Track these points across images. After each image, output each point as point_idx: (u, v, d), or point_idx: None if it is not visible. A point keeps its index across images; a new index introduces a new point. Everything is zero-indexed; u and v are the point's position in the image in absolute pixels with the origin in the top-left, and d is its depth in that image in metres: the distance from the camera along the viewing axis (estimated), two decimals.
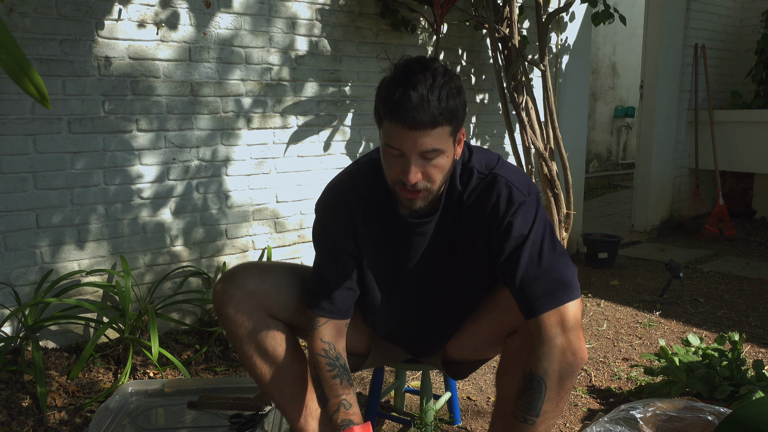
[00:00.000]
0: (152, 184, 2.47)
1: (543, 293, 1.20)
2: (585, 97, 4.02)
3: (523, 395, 1.20)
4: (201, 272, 2.62)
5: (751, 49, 5.00)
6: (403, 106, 1.14)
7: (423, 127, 1.15)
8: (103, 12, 2.27)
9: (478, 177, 1.32)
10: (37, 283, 2.26)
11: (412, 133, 1.16)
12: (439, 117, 1.15)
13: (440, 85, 1.16)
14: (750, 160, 4.73)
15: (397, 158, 1.21)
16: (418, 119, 1.14)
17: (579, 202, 4.02)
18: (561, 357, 1.18)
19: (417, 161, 1.19)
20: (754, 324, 2.84)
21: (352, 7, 2.90)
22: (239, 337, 1.36)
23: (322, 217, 1.40)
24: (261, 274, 1.38)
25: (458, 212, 1.33)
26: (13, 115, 2.14)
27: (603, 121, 7.60)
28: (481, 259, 1.33)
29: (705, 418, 1.40)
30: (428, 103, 1.14)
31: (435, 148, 1.18)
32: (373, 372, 1.74)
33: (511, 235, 1.25)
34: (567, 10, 3.38)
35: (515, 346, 1.33)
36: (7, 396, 1.95)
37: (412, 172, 1.19)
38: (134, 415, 1.76)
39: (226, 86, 2.59)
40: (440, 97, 1.15)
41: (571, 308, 1.20)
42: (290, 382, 1.41)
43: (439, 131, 1.17)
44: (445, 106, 1.16)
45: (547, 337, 1.18)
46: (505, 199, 1.27)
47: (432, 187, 1.23)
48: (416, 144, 1.17)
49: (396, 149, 1.19)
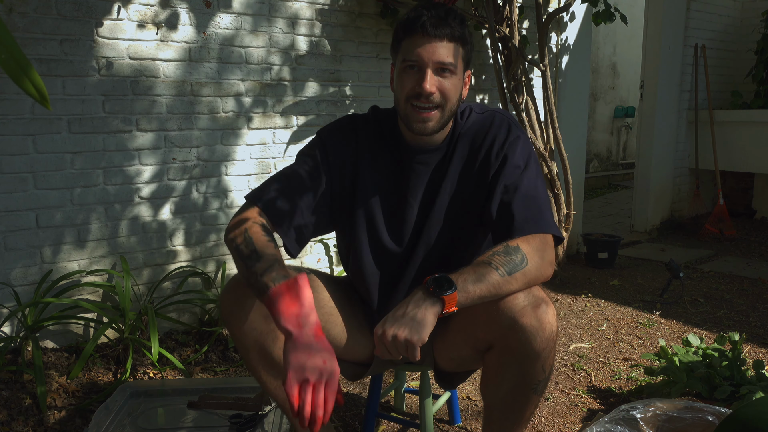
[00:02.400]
0: (152, 184, 2.47)
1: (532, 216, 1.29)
2: (585, 97, 4.02)
3: (505, 256, 1.22)
4: (201, 272, 2.62)
5: (751, 49, 5.00)
6: (423, 19, 1.25)
7: (440, 38, 1.25)
8: (103, 12, 2.27)
9: (476, 113, 1.42)
10: (36, 283, 2.26)
11: (431, 40, 1.25)
12: (455, 32, 1.26)
13: (455, 13, 1.29)
14: (750, 160, 4.73)
15: (414, 73, 1.27)
16: (437, 27, 1.25)
17: (579, 202, 4.02)
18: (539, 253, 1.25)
19: (432, 74, 1.26)
20: (754, 324, 2.84)
21: (352, 7, 2.90)
22: (246, 345, 1.33)
23: (324, 132, 1.43)
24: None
25: (455, 144, 1.39)
26: (13, 115, 2.14)
27: (603, 121, 7.60)
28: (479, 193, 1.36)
29: (705, 418, 1.40)
30: (445, 19, 1.26)
31: (450, 61, 1.26)
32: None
33: (511, 161, 1.33)
34: (567, 10, 3.37)
35: (492, 362, 1.31)
36: (7, 396, 1.95)
37: (428, 80, 1.25)
38: (134, 415, 1.76)
39: (226, 86, 2.59)
40: (455, 19, 1.27)
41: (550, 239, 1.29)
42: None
43: (454, 48, 1.27)
44: (459, 28, 1.27)
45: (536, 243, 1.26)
46: (504, 131, 1.36)
47: (445, 104, 1.29)
48: (434, 52, 1.25)
49: (414, 61, 1.26)
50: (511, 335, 1.22)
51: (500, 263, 1.21)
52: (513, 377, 1.27)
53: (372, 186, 1.40)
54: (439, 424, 1.94)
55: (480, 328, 1.31)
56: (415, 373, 2.29)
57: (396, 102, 1.35)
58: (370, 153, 1.40)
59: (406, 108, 1.30)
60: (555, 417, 2.00)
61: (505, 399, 1.31)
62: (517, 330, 1.21)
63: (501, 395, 1.31)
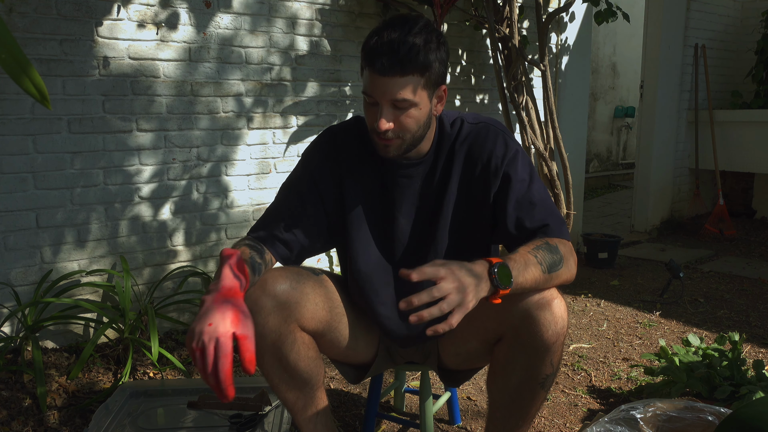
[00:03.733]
0: (152, 184, 2.47)
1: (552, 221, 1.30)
2: (585, 97, 4.02)
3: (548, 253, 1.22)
4: (201, 272, 2.62)
5: (751, 49, 5.00)
6: (375, 52, 1.18)
7: (392, 74, 1.18)
8: (103, 12, 2.27)
9: (469, 125, 1.37)
10: (36, 283, 2.26)
11: (381, 79, 1.19)
12: (408, 65, 1.17)
13: (415, 33, 1.18)
14: (750, 160, 4.73)
15: (372, 106, 1.24)
16: (386, 65, 1.17)
17: (579, 202, 4.02)
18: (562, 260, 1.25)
19: (388, 110, 1.22)
20: (754, 324, 2.84)
21: (352, 7, 2.90)
22: (262, 347, 1.30)
23: (307, 154, 1.42)
24: (292, 281, 1.31)
25: (450, 159, 1.36)
26: (13, 115, 2.14)
27: (603, 121, 7.60)
28: (475, 207, 1.35)
29: (705, 418, 1.40)
30: (398, 51, 1.17)
31: (404, 98, 1.20)
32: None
33: (516, 179, 1.31)
34: (567, 10, 3.38)
35: (501, 354, 1.30)
36: (7, 396, 1.95)
37: (381, 120, 1.22)
38: (134, 415, 1.76)
39: (226, 86, 2.59)
40: (412, 48, 1.17)
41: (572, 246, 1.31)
42: (306, 393, 1.38)
43: (410, 81, 1.19)
44: (415, 57, 1.18)
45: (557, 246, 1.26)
46: (501, 146, 1.33)
47: (404, 136, 1.26)
48: (385, 91, 1.19)
49: (370, 96, 1.23)
50: (523, 327, 1.23)
51: (543, 259, 1.21)
52: (521, 371, 1.27)
53: (358, 203, 1.39)
54: (439, 424, 1.94)
55: (491, 320, 1.30)
56: (415, 373, 2.29)
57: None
58: (354, 170, 1.39)
59: (371, 135, 1.30)
60: (555, 417, 2.00)
61: (511, 394, 1.30)
62: (530, 322, 1.22)
63: (508, 390, 1.31)
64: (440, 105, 1.31)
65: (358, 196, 1.39)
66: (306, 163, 1.41)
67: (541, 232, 1.29)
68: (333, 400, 2.07)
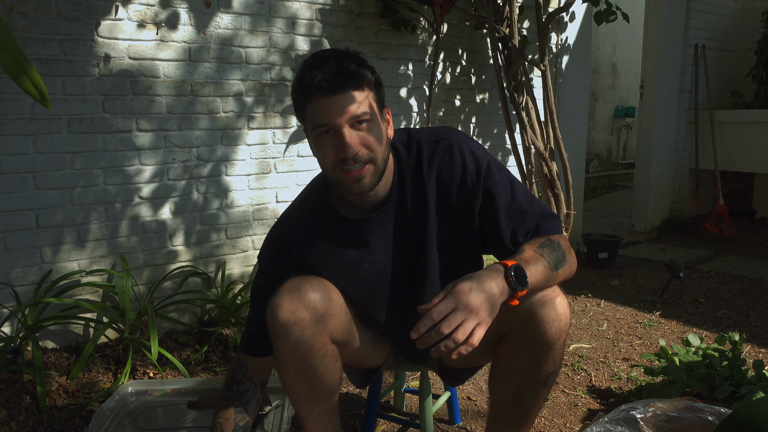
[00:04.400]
0: (152, 184, 2.47)
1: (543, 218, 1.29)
2: (585, 97, 4.02)
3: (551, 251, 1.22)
4: (201, 272, 2.62)
5: (751, 49, 5.00)
6: (317, 79, 1.15)
7: (342, 90, 1.15)
8: (103, 12, 2.27)
9: (428, 145, 1.30)
10: (36, 283, 2.26)
11: (335, 98, 1.15)
12: (355, 78, 1.16)
13: (349, 55, 1.19)
14: (750, 160, 4.73)
15: (330, 138, 1.18)
16: (336, 81, 1.14)
17: (579, 202, 4.02)
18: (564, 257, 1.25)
19: (350, 131, 1.17)
20: (755, 324, 2.84)
21: (352, 7, 2.90)
22: (289, 359, 1.26)
23: (263, 265, 1.37)
24: (323, 291, 1.27)
25: (420, 188, 1.30)
26: (12, 115, 2.14)
27: (603, 121, 7.60)
28: (459, 230, 1.31)
29: (705, 418, 1.40)
30: (341, 67, 1.16)
31: (363, 111, 1.16)
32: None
33: (499, 192, 1.28)
34: (567, 10, 3.37)
35: (504, 353, 1.30)
36: (7, 396, 1.95)
37: (348, 144, 1.16)
38: (134, 415, 1.76)
39: (226, 86, 2.59)
40: (351, 63, 1.17)
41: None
42: (323, 403, 1.35)
43: (362, 94, 1.17)
44: (357, 71, 1.17)
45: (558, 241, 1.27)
46: (472, 162, 1.28)
47: (375, 157, 1.20)
48: (342, 110, 1.15)
49: (325, 125, 1.17)
50: (526, 325, 1.23)
51: (550, 257, 1.21)
52: (524, 369, 1.27)
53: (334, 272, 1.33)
54: (439, 424, 1.94)
55: (495, 318, 1.31)
56: (415, 373, 2.29)
57: (324, 171, 1.25)
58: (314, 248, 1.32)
59: (336, 174, 1.21)
60: (555, 417, 2.00)
61: (513, 393, 1.30)
62: (534, 320, 1.22)
63: (510, 388, 1.30)
64: (390, 129, 1.26)
65: (331, 268, 1.32)
66: (265, 269, 1.36)
67: (534, 233, 1.29)
68: None
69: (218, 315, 2.58)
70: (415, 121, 3.22)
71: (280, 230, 1.37)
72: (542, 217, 1.31)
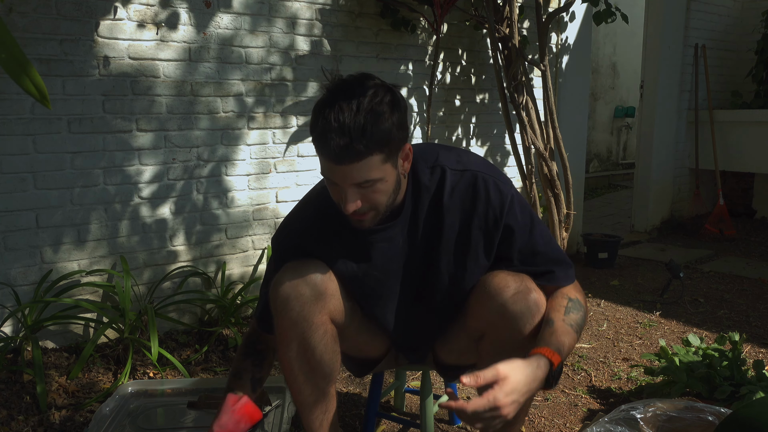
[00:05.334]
0: (152, 184, 2.47)
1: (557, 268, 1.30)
2: (585, 97, 4.02)
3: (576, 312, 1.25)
4: (201, 272, 2.62)
5: (751, 49, 5.00)
6: (325, 140, 1.10)
7: (349, 161, 1.11)
8: (103, 12, 2.27)
9: (453, 174, 1.29)
10: (36, 282, 2.26)
11: (338, 167, 1.12)
12: (364, 150, 1.10)
13: (366, 111, 1.09)
14: (750, 160, 4.73)
15: (335, 186, 1.18)
16: (340, 154, 1.10)
17: (579, 202, 4.02)
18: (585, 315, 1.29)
19: (353, 191, 1.16)
20: (755, 324, 2.84)
21: (352, 7, 2.90)
22: (290, 336, 1.29)
23: (278, 247, 1.38)
24: (323, 270, 1.30)
25: (437, 213, 1.30)
26: (12, 115, 2.14)
27: (603, 121, 7.60)
28: (473, 256, 1.31)
29: (705, 418, 1.40)
30: (350, 138, 1.08)
31: (367, 179, 1.14)
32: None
33: (518, 229, 1.28)
34: (567, 10, 3.37)
35: (485, 351, 1.32)
36: (7, 396, 1.95)
37: (349, 203, 1.16)
38: (134, 415, 1.76)
39: (226, 86, 2.59)
40: (364, 129, 1.09)
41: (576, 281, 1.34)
42: (321, 387, 1.36)
43: (369, 162, 1.12)
44: (371, 138, 1.09)
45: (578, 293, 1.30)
46: (497, 197, 1.27)
47: (377, 208, 1.21)
48: (346, 177, 1.14)
49: (329, 179, 1.17)
50: (501, 323, 1.24)
51: (576, 323, 1.24)
52: None
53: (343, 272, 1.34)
54: (439, 424, 1.94)
55: (472, 317, 1.33)
56: (415, 373, 2.29)
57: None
58: (324, 249, 1.33)
59: (340, 209, 1.22)
60: (555, 417, 2.00)
61: None
62: (506, 317, 1.23)
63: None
64: (407, 163, 1.24)
65: (340, 268, 1.33)
66: (281, 255, 1.37)
67: (544, 278, 1.29)
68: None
69: (218, 315, 2.58)
70: (415, 121, 3.22)
71: (294, 225, 1.37)
72: (556, 263, 1.31)
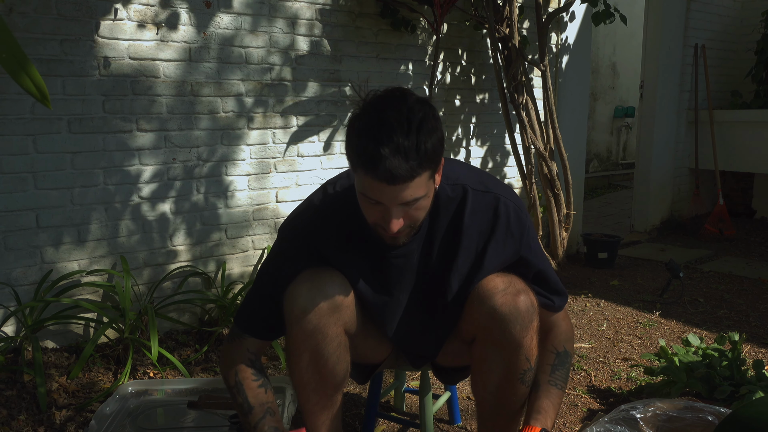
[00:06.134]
0: (152, 184, 2.47)
1: (556, 298, 1.40)
2: (585, 97, 4.02)
3: (562, 368, 1.36)
4: (201, 272, 2.62)
5: (751, 49, 5.00)
6: (377, 162, 1.06)
7: (402, 182, 1.08)
8: (103, 12, 2.27)
9: (475, 194, 1.29)
10: (37, 282, 2.26)
11: (390, 188, 1.09)
12: (417, 168, 1.08)
13: (417, 129, 1.07)
14: (750, 160, 4.73)
15: (375, 205, 1.14)
16: (396, 175, 1.06)
17: (579, 202, 4.02)
18: (573, 340, 1.43)
19: (398, 209, 1.13)
20: (754, 324, 2.84)
21: (352, 7, 2.90)
22: (302, 347, 1.27)
23: (282, 250, 1.34)
24: (339, 281, 1.28)
25: (456, 230, 1.29)
26: (13, 115, 2.14)
27: (603, 121, 7.60)
28: (485, 274, 1.30)
29: (705, 418, 1.40)
30: (406, 158, 1.06)
31: (416, 197, 1.12)
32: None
33: (532, 259, 1.34)
34: (567, 10, 3.38)
35: (477, 353, 1.32)
36: (7, 396, 1.95)
37: (393, 223, 1.14)
38: (134, 415, 1.76)
39: (227, 86, 2.59)
40: (418, 147, 1.07)
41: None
42: (329, 396, 1.35)
43: (419, 180, 1.10)
44: (423, 155, 1.08)
45: (566, 322, 1.43)
46: (516, 224, 1.31)
47: (415, 225, 1.20)
48: (396, 197, 1.11)
49: (372, 199, 1.13)
50: (491, 324, 1.25)
51: (562, 380, 1.36)
52: (498, 368, 1.29)
53: (356, 282, 1.32)
54: (439, 424, 1.94)
55: (463, 320, 1.33)
56: (415, 372, 2.29)
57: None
58: (339, 257, 1.31)
59: (375, 230, 1.21)
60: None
61: (493, 392, 1.33)
62: (496, 318, 1.24)
63: (489, 387, 1.33)
64: (439, 176, 1.22)
65: (357, 281, 1.32)
66: (287, 255, 1.33)
67: (542, 305, 1.35)
68: None
69: (218, 315, 2.58)
70: None
71: (309, 227, 1.32)
72: (556, 293, 1.39)
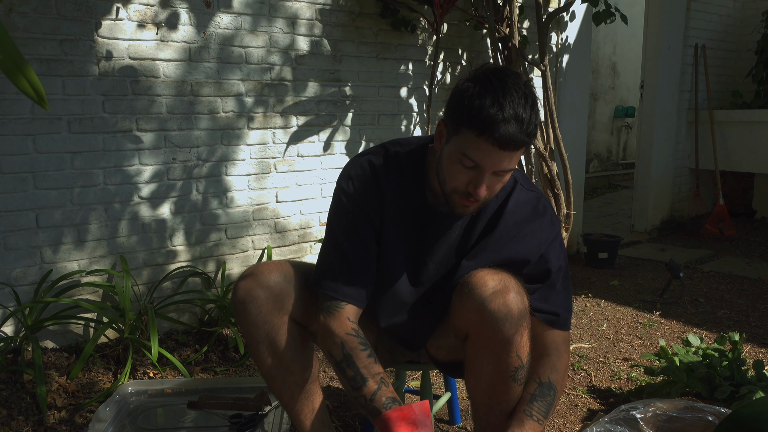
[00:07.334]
0: (152, 184, 2.47)
1: (563, 312, 1.35)
2: (585, 97, 4.02)
3: (542, 400, 1.31)
4: (201, 272, 2.62)
5: (751, 49, 5.00)
6: (497, 125, 1.11)
7: (513, 149, 1.14)
8: (103, 12, 2.27)
9: (521, 189, 1.35)
10: (36, 282, 2.26)
11: (500, 153, 1.14)
12: (527, 140, 1.15)
13: (531, 106, 1.15)
14: (750, 160, 4.73)
15: (468, 170, 1.19)
16: (509, 141, 1.12)
17: (579, 202, 4.02)
18: (566, 372, 1.36)
19: (490, 177, 1.19)
20: (754, 324, 2.84)
21: (352, 7, 2.90)
22: (256, 338, 1.33)
23: (350, 186, 1.34)
24: (286, 274, 1.34)
25: (494, 220, 1.34)
26: (12, 115, 2.14)
27: (603, 121, 7.60)
28: (502, 263, 1.33)
29: (705, 418, 1.40)
30: (524, 126, 1.13)
31: (510, 168, 1.18)
32: None
33: (552, 267, 1.34)
34: (567, 9, 3.37)
35: (469, 351, 1.33)
36: (7, 396, 1.95)
37: (482, 188, 1.19)
38: (134, 415, 1.76)
39: (226, 86, 2.59)
40: (531, 120, 1.14)
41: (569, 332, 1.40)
42: (300, 385, 1.39)
43: (519, 153, 1.17)
44: (533, 131, 1.15)
45: (562, 351, 1.35)
46: (548, 227, 1.34)
47: (491, 197, 1.25)
48: (498, 163, 1.16)
49: (473, 162, 1.17)
50: (481, 322, 1.26)
51: (540, 411, 1.30)
52: (490, 365, 1.30)
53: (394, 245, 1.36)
54: (439, 424, 1.94)
55: (455, 317, 1.34)
56: (415, 373, 2.29)
57: (440, 180, 1.25)
58: (393, 210, 1.34)
59: (449, 194, 1.24)
60: (555, 417, 2.00)
61: (486, 390, 1.33)
62: (486, 316, 1.24)
63: (482, 385, 1.34)
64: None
65: (394, 238, 1.35)
66: (354, 201, 1.34)
67: (546, 317, 1.34)
68: (333, 400, 2.07)
69: (218, 315, 2.58)
70: (416, 121, 3.22)
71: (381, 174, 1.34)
72: (564, 308, 1.37)
